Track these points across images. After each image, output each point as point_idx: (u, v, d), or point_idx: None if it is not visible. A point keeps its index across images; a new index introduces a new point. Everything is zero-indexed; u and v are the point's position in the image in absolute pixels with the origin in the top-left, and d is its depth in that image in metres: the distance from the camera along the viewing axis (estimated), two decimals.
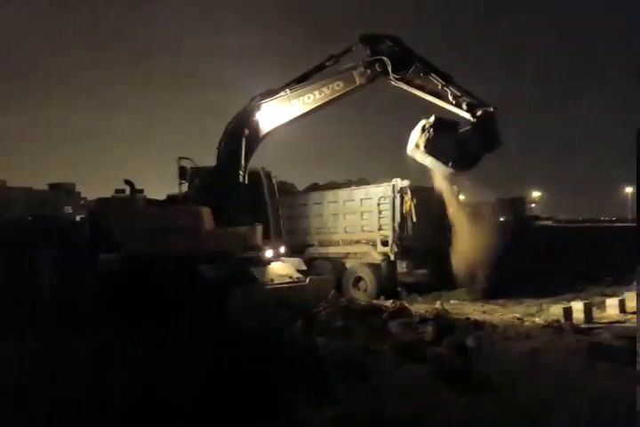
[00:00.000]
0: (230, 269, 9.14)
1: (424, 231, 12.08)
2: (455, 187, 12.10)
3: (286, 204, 14.09)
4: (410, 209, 11.86)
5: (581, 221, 35.05)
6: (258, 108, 9.90)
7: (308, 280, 9.83)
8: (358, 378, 4.97)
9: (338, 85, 9.44)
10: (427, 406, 4.27)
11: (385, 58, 9.16)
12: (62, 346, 6.19)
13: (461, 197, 14.35)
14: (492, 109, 8.89)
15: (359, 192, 12.90)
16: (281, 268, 10.03)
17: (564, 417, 4.07)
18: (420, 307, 9.99)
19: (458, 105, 9.11)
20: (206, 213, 9.55)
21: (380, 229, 12.28)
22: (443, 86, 9.14)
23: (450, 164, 9.04)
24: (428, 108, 9.42)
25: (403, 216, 11.91)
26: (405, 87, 9.40)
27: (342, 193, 13.26)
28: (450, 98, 9.13)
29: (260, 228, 10.00)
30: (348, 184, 13.88)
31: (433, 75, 9.21)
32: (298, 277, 9.83)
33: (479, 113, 8.85)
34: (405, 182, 12.08)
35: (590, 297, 10.50)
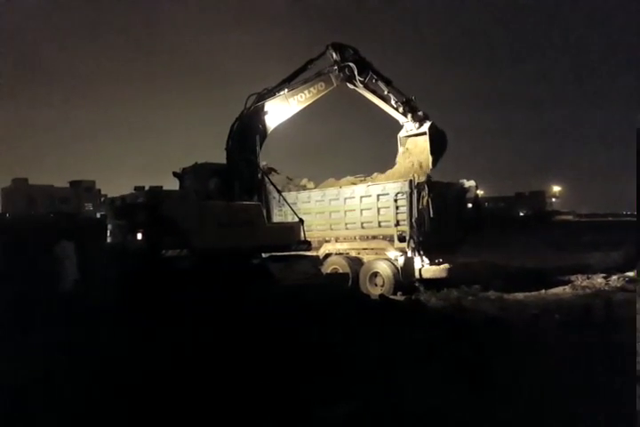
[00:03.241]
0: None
1: (441, 226, 12.01)
2: (473, 181, 12.44)
3: (302, 200, 14.15)
4: (427, 204, 11.78)
5: (603, 216, 34.44)
6: (263, 106, 11.43)
7: (324, 276, 9.88)
8: (373, 376, 4.98)
9: (321, 86, 11.81)
10: (441, 406, 4.27)
11: (351, 64, 11.66)
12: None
13: (480, 191, 14.29)
14: (422, 115, 12.04)
15: (376, 188, 12.81)
16: (299, 264, 10.11)
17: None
18: (436, 303, 9.94)
19: (397, 108, 11.86)
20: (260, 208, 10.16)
21: (397, 224, 12.20)
22: (388, 92, 11.83)
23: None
24: None
25: (420, 211, 11.83)
26: (361, 91, 11.80)
27: (359, 189, 13.21)
28: (392, 102, 11.91)
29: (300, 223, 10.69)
30: (364, 180, 13.84)
31: (380, 81, 11.83)
32: (314, 274, 9.89)
33: (426, 125, 12.10)
34: (422, 178, 12.04)
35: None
